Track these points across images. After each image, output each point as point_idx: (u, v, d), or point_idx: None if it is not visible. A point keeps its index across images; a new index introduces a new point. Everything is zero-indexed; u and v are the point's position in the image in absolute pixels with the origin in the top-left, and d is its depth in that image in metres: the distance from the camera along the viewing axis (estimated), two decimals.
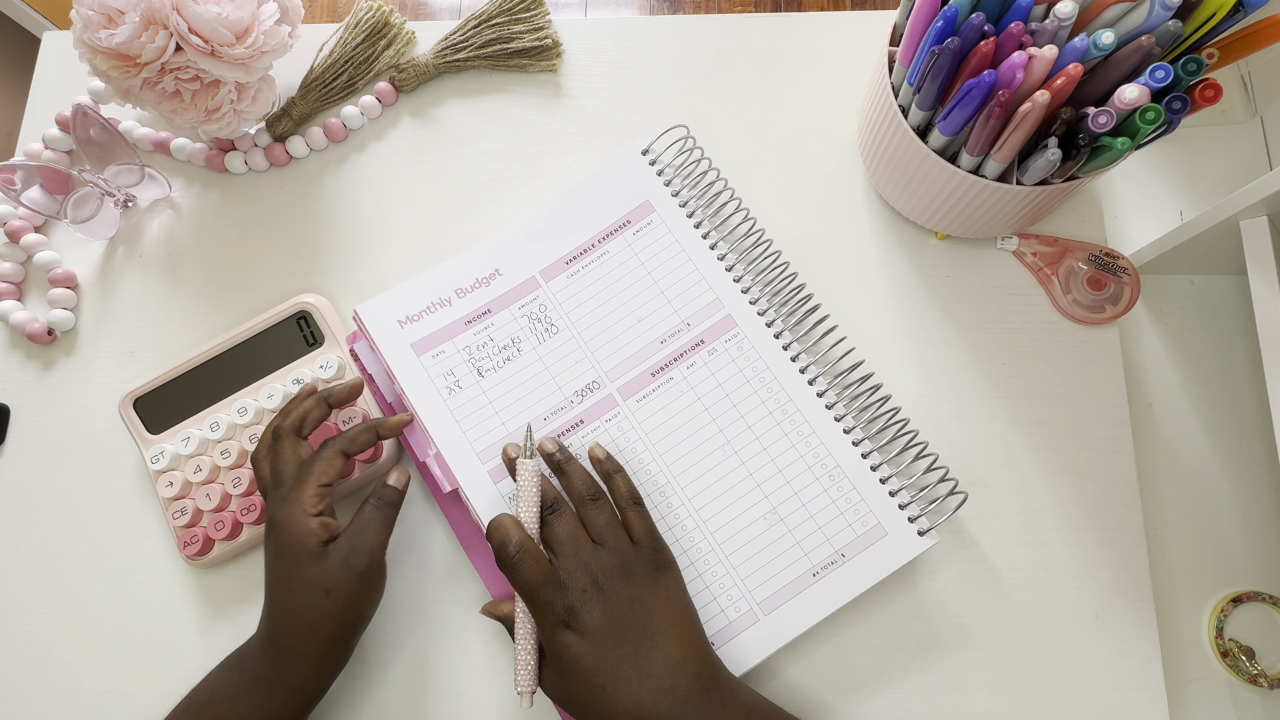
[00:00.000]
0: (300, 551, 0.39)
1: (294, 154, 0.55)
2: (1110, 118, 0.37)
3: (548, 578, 0.38)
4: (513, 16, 0.56)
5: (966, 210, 0.45)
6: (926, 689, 0.44)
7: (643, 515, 0.41)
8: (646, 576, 0.39)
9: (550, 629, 0.37)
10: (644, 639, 0.37)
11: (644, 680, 0.36)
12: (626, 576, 0.39)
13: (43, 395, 0.52)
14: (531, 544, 0.39)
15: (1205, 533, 0.49)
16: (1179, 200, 0.56)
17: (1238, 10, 0.35)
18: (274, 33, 0.48)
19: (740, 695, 0.38)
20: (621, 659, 0.37)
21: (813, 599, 0.43)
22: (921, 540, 0.43)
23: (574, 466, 0.42)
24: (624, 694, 0.36)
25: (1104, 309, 0.49)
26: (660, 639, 0.38)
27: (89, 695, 0.47)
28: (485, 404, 0.46)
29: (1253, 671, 0.46)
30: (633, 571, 0.39)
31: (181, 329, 0.52)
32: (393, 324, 0.47)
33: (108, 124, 0.52)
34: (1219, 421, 0.51)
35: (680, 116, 0.54)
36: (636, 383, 0.46)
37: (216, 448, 0.48)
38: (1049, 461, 0.47)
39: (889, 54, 0.44)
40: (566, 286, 0.48)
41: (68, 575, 0.49)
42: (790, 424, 0.45)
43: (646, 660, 0.37)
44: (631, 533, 0.40)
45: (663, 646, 0.37)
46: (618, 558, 0.39)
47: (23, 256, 0.55)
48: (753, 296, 0.47)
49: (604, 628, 0.37)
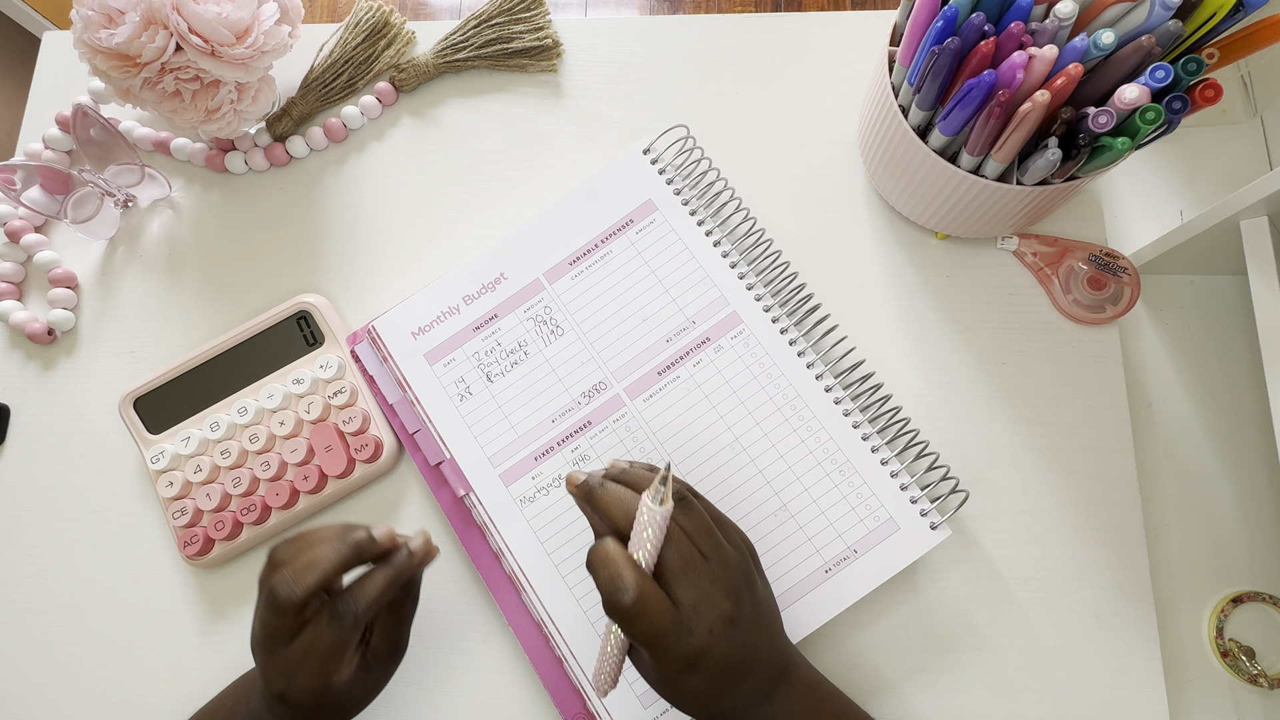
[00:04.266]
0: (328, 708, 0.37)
1: (294, 154, 0.55)
2: (1110, 118, 0.37)
3: (671, 624, 0.32)
4: (513, 16, 0.56)
5: (966, 210, 0.45)
6: (927, 688, 0.44)
7: (708, 504, 0.37)
8: (752, 584, 0.36)
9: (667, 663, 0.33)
10: (749, 652, 0.35)
11: (737, 685, 0.35)
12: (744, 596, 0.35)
13: (43, 395, 0.52)
14: (650, 588, 0.33)
15: (1205, 533, 0.49)
16: (1179, 200, 0.56)
17: (1238, 10, 0.35)
18: (274, 33, 0.48)
19: (804, 673, 0.38)
20: (729, 679, 0.34)
21: (825, 596, 0.43)
22: (934, 534, 0.43)
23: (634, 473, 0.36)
24: (714, 700, 0.35)
25: (1104, 309, 0.49)
26: (760, 644, 0.36)
27: (89, 695, 0.47)
28: (495, 409, 0.46)
29: (1253, 671, 0.46)
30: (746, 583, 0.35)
31: (181, 329, 0.52)
32: (407, 337, 0.48)
33: (108, 124, 0.52)
34: (1219, 421, 0.51)
35: (680, 116, 0.54)
36: (643, 382, 0.46)
37: (216, 448, 0.48)
38: (1049, 461, 0.47)
39: (889, 54, 0.44)
40: (571, 287, 0.48)
41: (68, 575, 0.49)
42: (799, 420, 0.45)
43: (746, 670, 0.35)
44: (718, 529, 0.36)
45: (760, 653, 0.36)
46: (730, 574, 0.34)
47: (23, 256, 0.55)
48: (757, 293, 0.47)
49: (721, 659, 0.34)
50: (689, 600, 0.33)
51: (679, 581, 0.33)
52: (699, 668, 0.33)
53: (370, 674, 0.38)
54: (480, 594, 0.47)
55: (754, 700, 0.36)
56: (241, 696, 0.40)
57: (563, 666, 0.44)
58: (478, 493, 0.45)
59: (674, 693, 0.35)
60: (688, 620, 0.33)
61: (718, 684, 0.34)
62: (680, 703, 0.35)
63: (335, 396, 0.48)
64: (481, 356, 0.47)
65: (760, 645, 0.36)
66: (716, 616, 0.33)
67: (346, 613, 0.35)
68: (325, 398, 0.49)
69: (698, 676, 0.33)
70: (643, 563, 0.33)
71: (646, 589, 0.32)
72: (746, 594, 0.35)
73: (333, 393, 0.48)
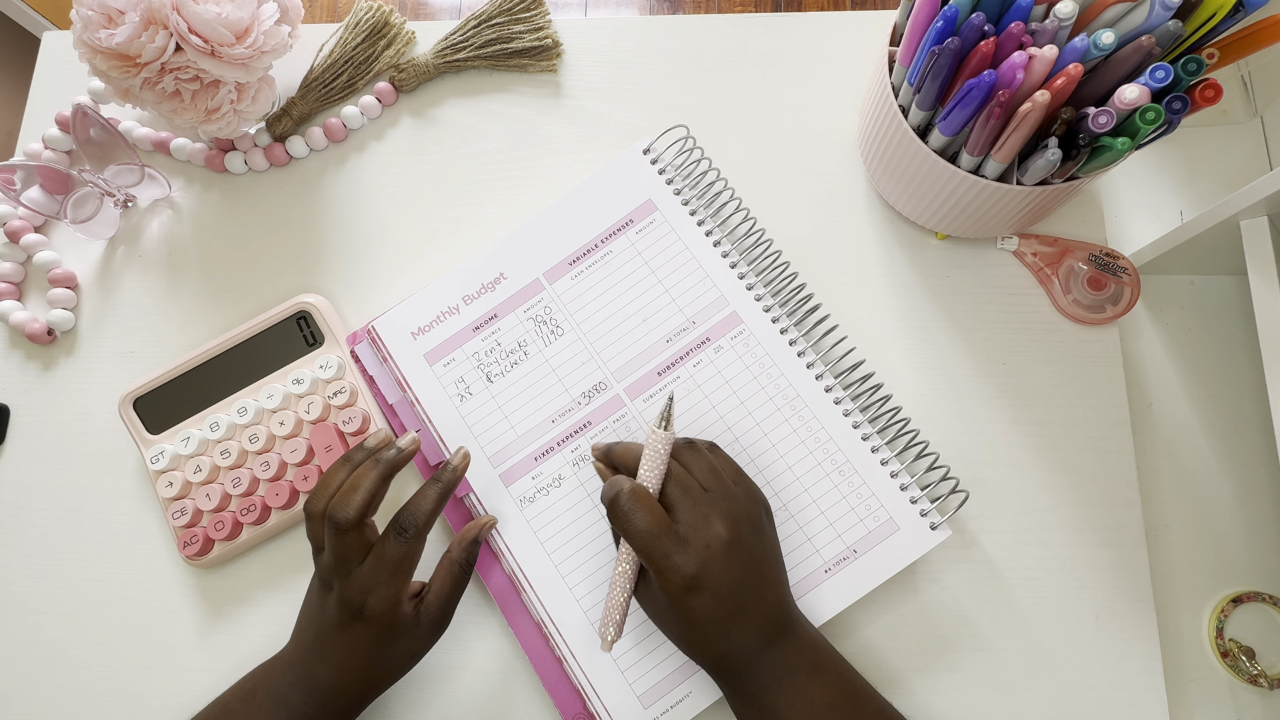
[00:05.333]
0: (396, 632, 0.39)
1: (294, 154, 0.55)
2: (1110, 118, 0.37)
3: (664, 528, 0.37)
4: (513, 16, 0.56)
5: (966, 210, 0.45)
6: (926, 688, 0.44)
7: (728, 457, 0.41)
8: (757, 524, 0.39)
9: (670, 584, 0.36)
10: (751, 589, 0.37)
11: (742, 624, 0.37)
12: (744, 527, 0.38)
13: (43, 395, 0.52)
14: (646, 493, 0.38)
15: (1205, 533, 0.49)
16: (1179, 200, 0.56)
17: (1238, 10, 0.35)
18: (274, 33, 0.48)
19: (808, 630, 0.39)
20: (732, 610, 0.37)
21: (825, 596, 0.43)
22: (934, 534, 0.43)
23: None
24: (721, 637, 0.37)
25: (1104, 309, 0.49)
26: (762, 586, 0.38)
27: (89, 695, 0.47)
28: (495, 409, 0.46)
29: (1253, 671, 0.46)
30: (747, 519, 0.38)
31: (181, 329, 0.52)
32: (407, 337, 0.48)
33: (108, 124, 0.52)
34: (1219, 421, 0.51)
35: (680, 116, 0.54)
36: (643, 382, 0.46)
37: (216, 448, 0.48)
38: (1049, 461, 0.47)
39: (889, 54, 0.44)
40: (571, 288, 0.48)
41: (68, 575, 0.49)
42: (799, 420, 0.45)
43: (749, 607, 0.37)
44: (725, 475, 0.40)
45: (764, 594, 0.38)
46: (731, 505, 0.38)
47: (23, 256, 0.55)
48: (757, 293, 0.47)
49: (722, 583, 0.36)
50: (687, 520, 0.37)
51: (678, 505, 0.38)
52: (701, 585, 0.36)
53: (419, 629, 0.40)
54: (480, 594, 0.47)
55: (757, 645, 0.37)
56: (261, 679, 0.41)
57: (563, 666, 0.44)
58: (477, 493, 0.45)
59: (681, 620, 0.37)
60: (685, 535, 0.37)
61: (723, 611, 0.36)
62: (688, 634, 0.37)
63: (335, 397, 0.48)
64: (481, 357, 0.47)
65: (763, 586, 0.38)
66: (713, 536, 0.37)
67: (409, 525, 0.39)
68: (325, 398, 0.49)
69: (702, 597, 0.36)
70: (649, 486, 0.38)
71: (643, 491, 0.37)
72: (748, 528, 0.38)
73: (332, 393, 0.48)
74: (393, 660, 0.40)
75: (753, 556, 0.38)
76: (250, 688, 0.41)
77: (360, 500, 0.38)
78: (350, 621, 0.39)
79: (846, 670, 0.39)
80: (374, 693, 0.41)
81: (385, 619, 0.39)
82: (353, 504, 0.38)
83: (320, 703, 0.39)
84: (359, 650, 0.39)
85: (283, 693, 0.40)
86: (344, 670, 0.39)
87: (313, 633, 0.40)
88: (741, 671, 0.37)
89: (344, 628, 0.39)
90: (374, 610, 0.38)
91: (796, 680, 0.37)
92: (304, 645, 0.40)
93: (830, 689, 0.37)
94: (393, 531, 0.39)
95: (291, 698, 0.39)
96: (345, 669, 0.39)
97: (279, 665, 0.41)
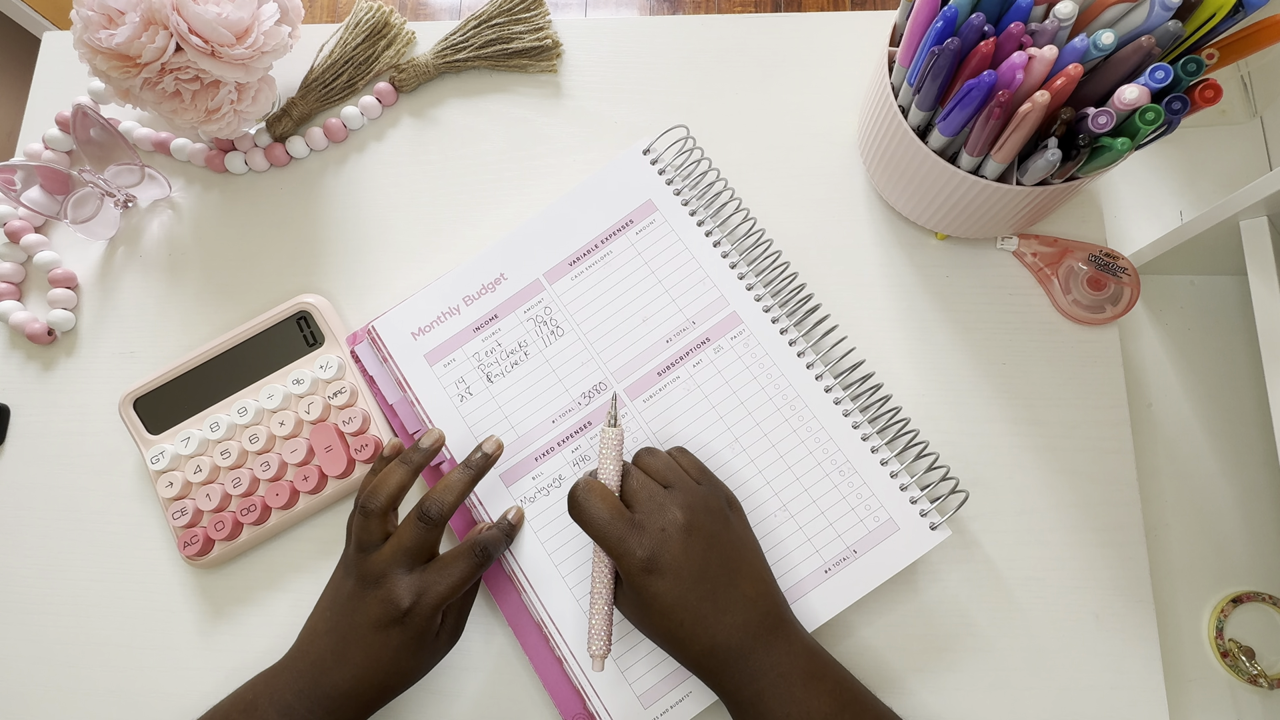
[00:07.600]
0: (425, 640, 0.39)
1: (294, 154, 0.55)
2: (1110, 118, 0.37)
3: (619, 514, 0.38)
4: (513, 17, 0.56)
5: (966, 210, 0.45)
6: (926, 688, 0.44)
7: (693, 458, 0.43)
8: (719, 514, 0.40)
9: (629, 569, 0.37)
10: (721, 575, 0.38)
11: (720, 616, 0.37)
12: (700, 514, 0.39)
13: (43, 395, 0.52)
14: (601, 485, 0.39)
15: (1205, 533, 0.49)
16: (1179, 200, 0.56)
17: (1238, 10, 0.35)
18: (274, 33, 0.48)
19: (803, 636, 0.39)
20: (701, 596, 0.37)
21: (825, 596, 0.43)
22: (934, 535, 0.43)
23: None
24: (701, 629, 0.37)
25: (1104, 309, 0.49)
26: (736, 576, 0.38)
27: (89, 695, 0.47)
28: (495, 409, 0.46)
29: (1253, 671, 0.46)
30: (706, 509, 0.39)
31: (181, 329, 0.52)
32: (407, 337, 0.48)
33: (108, 124, 0.52)
34: (1219, 421, 0.51)
35: (680, 116, 0.54)
36: (643, 382, 0.46)
37: (216, 448, 0.48)
38: (1049, 461, 0.47)
39: (889, 54, 0.44)
40: (571, 288, 0.48)
41: (68, 575, 0.49)
42: (798, 420, 0.45)
43: (723, 597, 0.37)
44: (689, 474, 0.41)
45: (739, 584, 0.38)
46: (688, 496, 0.39)
47: (23, 256, 0.55)
48: (757, 294, 0.47)
49: (683, 566, 0.37)
50: (643, 509, 0.38)
51: (636, 497, 0.39)
52: (659, 567, 0.37)
53: (438, 640, 0.41)
54: (481, 594, 0.47)
55: (742, 641, 0.37)
56: (262, 689, 0.40)
57: (563, 666, 0.44)
58: (478, 493, 0.45)
59: (653, 612, 0.37)
60: (641, 521, 0.38)
61: (691, 597, 0.37)
62: (663, 626, 0.37)
63: (335, 397, 0.48)
64: (482, 357, 0.47)
65: (737, 576, 0.38)
66: (669, 521, 0.38)
67: (433, 509, 0.40)
68: (325, 398, 0.49)
69: (664, 580, 0.37)
70: (607, 483, 0.40)
71: (597, 484, 0.39)
72: (706, 515, 0.39)
73: (333, 393, 0.48)
74: (413, 669, 0.40)
75: (716, 541, 0.38)
76: (251, 698, 0.40)
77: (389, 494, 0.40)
78: (389, 624, 0.38)
79: (845, 679, 0.38)
80: (383, 700, 0.40)
81: (424, 625, 0.39)
82: (381, 496, 0.40)
83: (328, 710, 0.39)
84: (387, 654, 0.38)
85: (287, 701, 0.39)
86: (365, 673, 0.39)
87: (336, 636, 0.39)
88: (732, 671, 0.37)
89: (380, 629, 0.38)
90: (421, 611, 0.38)
91: (793, 688, 0.37)
92: (319, 650, 0.40)
93: (828, 698, 0.37)
94: (416, 515, 0.40)
95: (297, 706, 0.39)
96: (367, 672, 0.39)
97: (283, 674, 0.40)
